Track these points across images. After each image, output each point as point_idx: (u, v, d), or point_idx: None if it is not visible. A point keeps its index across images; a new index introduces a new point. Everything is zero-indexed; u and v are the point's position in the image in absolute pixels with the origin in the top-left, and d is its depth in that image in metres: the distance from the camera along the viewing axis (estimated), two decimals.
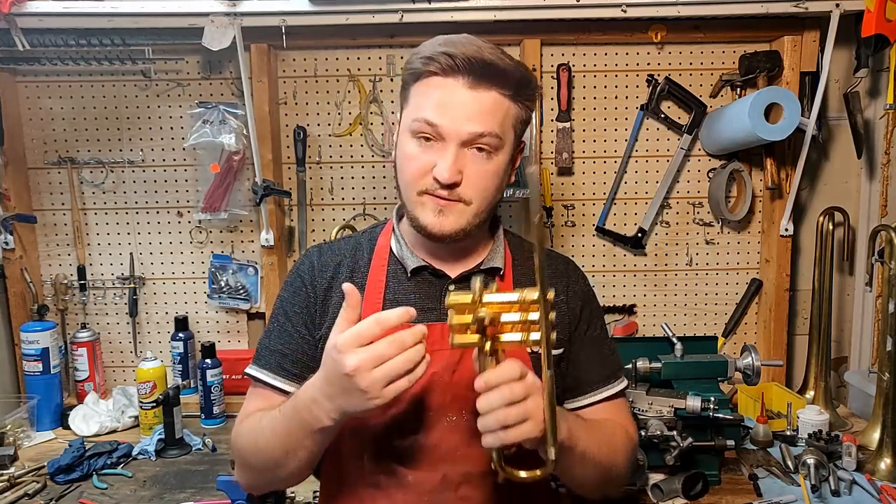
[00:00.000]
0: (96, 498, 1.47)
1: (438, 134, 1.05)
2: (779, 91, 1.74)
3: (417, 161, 1.07)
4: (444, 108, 1.04)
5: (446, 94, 1.05)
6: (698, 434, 1.45)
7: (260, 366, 1.15)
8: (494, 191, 1.11)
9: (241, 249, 2.00)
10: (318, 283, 1.16)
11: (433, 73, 1.05)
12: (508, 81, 1.07)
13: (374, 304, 1.13)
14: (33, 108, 1.94)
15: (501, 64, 1.06)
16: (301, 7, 1.71)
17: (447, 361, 1.09)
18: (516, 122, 1.11)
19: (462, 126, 1.04)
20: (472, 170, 1.06)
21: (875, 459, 1.51)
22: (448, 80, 1.05)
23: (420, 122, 1.05)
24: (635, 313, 2.02)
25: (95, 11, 1.70)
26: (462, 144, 1.05)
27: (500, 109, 1.07)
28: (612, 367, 1.21)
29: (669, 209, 1.98)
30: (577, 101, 1.93)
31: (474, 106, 1.04)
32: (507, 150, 1.10)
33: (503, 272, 1.17)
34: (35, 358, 1.84)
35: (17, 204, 1.92)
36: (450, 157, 1.04)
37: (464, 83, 1.04)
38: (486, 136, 1.05)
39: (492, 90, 1.05)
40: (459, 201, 1.07)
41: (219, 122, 1.87)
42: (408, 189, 1.09)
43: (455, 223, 1.07)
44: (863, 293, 1.96)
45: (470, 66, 1.04)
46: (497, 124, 1.06)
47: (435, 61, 1.05)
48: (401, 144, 1.11)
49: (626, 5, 1.73)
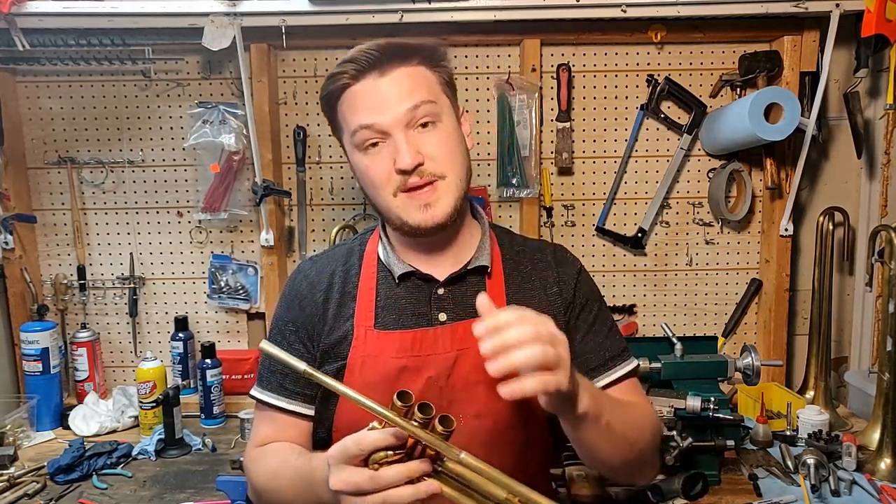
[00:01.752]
0: (96, 498, 1.47)
1: (379, 131, 1.06)
2: (779, 91, 1.74)
3: (376, 167, 1.08)
4: (372, 105, 1.06)
5: (366, 93, 1.06)
6: (698, 434, 1.45)
7: (262, 387, 1.16)
8: (460, 156, 1.10)
9: (241, 249, 2.00)
10: (317, 295, 1.16)
11: (346, 85, 1.07)
12: (412, 52, 1.08)
13: (366, 312, 1.13)
14: (33, 108, 1.94)
15: (397, 42, 1.09)
16: (301, 7, 1.71)
17: (442, 366, 1.08)
18: (442, 86, 1.11)
19: (395, 110, 1.05)
20: (427, 145, 1.06)
21: (875, 459, 1.51)
22: (360, 82, 1.07)
23: (359, 132, 1.07)
24: (635, 313, 2.02)
25: (95, 11, 1.70)
26: (406, 127, 1.05)
27: (418, 79, 1.08)
28: (615, 348, 1.18)
29: (669, 209, 1.98)
30: (577, 101, 1.93)
31: (395, 88, 1.06)
32: (449, 113, 1.11)
33: (491, 270, 1.15)
34: (35, 358, 1.84)
35: (17, 204, 1.92)
36: (402, 144, 1.04)
37: (375, 75, 1.06)
38: (420, 105, 1.06)
39: (401, 66, 1.07)
40: (434, 180, 1.06)
41: (219, 122, 1.87)
42: (381, 197, 1.09)
43: (443, 208, 1.07)
44: (863, 293, 1.96)
45: (372, 58, 1.05)
46: (424, 93, 1.07)
47: (341, 74, 1.07)
48: (355, 166, 1.12)
49: (626, 5, 1.73)
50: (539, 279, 1.18)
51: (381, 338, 1.11)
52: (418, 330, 1.11)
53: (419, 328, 1.11)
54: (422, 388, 1.07)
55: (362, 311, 1.13)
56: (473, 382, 1.09)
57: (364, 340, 1.11)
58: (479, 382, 1.09)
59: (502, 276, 1.17)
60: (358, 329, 1.12)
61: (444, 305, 1.13)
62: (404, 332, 1.11)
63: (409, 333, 1.10)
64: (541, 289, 1.17)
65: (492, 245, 1.18)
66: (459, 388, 1.09)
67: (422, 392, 1.08)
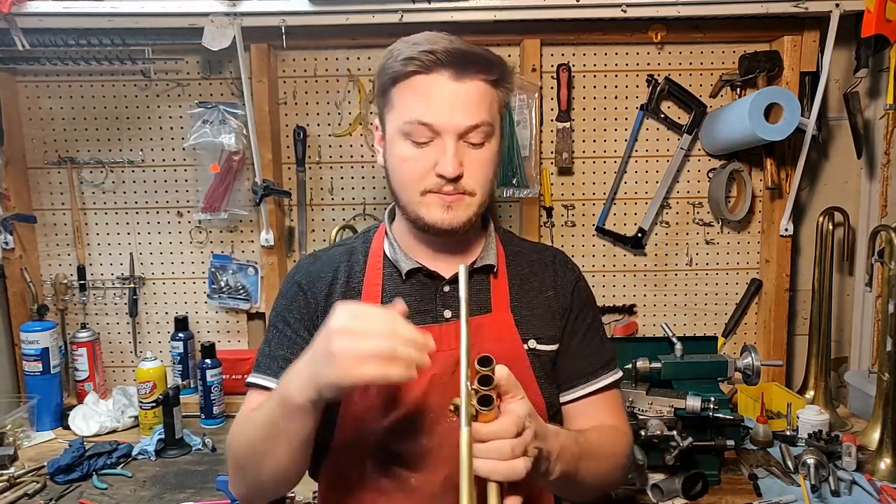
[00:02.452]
0: (96, 498, 1.47)
1: (434, 132, 1.05)
2: (779, 91, 1.74)
3: (416, 162, 1.07)
4: (435, 104, 1.04)
5: (433, 90, 1.05)
6: (698, 434, 1.45)
7: (260, 373, 1.13)
8: (492, 178, 1.12)
9: (241, 249, 2.00)
10: (317, 289, 1.15)
11: (414, 72, 1.05)
12: (491, 68, 1.07)
13: None
14: (33, 108, 1.94)
15: (481, 52, 1.08)
16: (301, 7, 1.71)
17: (446, 363, 1.08)
18: (501, 108, 1.12)
19: (456, 120, 1.04)
20: (470, 160, 1.07)
21: (875, 459, 1.51)
22: (432, 76, 1.05)
23: (412, 125, 1.05)
24: (635, 313, 2.02)
25: (95, 11, 1.70)
26: (458, 137, 1.05)
27: (486, 97, 1.07)
28: (603, 356, 1.19)
29: (669, 209, 1.98)
30: (577, 101, 1.93)
31: (463, 97, 1.05)
32: (498, 135, 1.11)
33: (496, 269, 1.17)
34: (35, 358, 1.84)
35: (17, 204, 1.92)
36: (450, 152, 1.04)
37: (448, 76, 1.04)
38: (480, 125, 1.06)
39: (475, 78, 1.06)
40: (465, 194, 1.08)
41: (219, 122, 1.87)
42: (408, 191, 1.09)
43: (463, 216, 1.08)
44: (863, 293, 1.96)
45: (452, 58, 1.04)
46: (487, 113, 1.07)
47: (416, 60, 1.04)
48: (392, 148, 1.10)
49: (626, 5, 1.73)
50: (537, 281, 1.20)
51: None
52: (423, 327, 1.10)
53: (424, 325, 1.11)
54: (426, 385, 1.08)
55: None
56: None
57: None
58: None
59: (506, 276, 1.18)
60: None
61: (449, 303, 1.13)
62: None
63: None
64: (538, 290, 1.19)
65: (497, 247, 1.20)
66: None
67: (426, 389, 1.08)
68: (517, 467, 0.82)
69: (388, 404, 1.08)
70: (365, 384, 0.87)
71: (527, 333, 1.15)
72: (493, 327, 1.13)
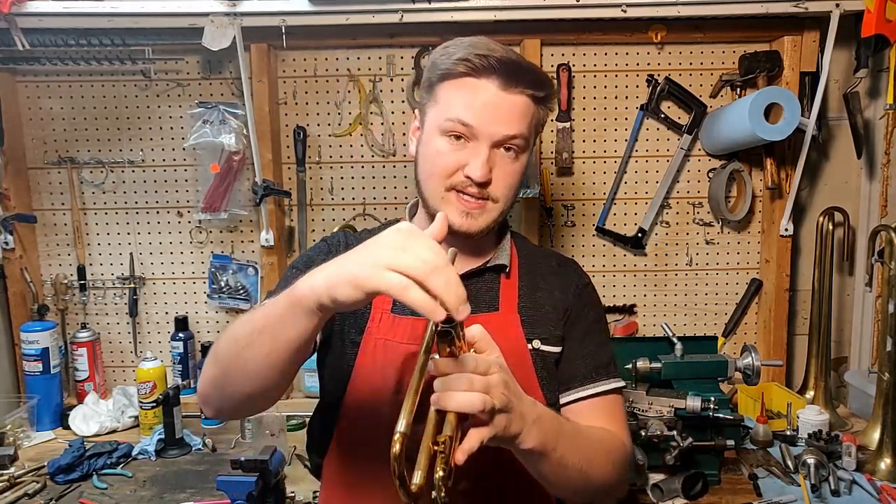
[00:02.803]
0: (96, 498, 1.47)
1: (472, 134, 1.08)
2: (779, 91, 1.74)
3: (448, 157, 1.09)
4: (479, 109, 1.07)
5: (480, 95, 1.07)
6: (698, 434, 1.45)
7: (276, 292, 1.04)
8: (517, 189, 1.15)
9: (241, 249, 2.00)
10: (341, 253, 1.15)
11: (465, 73, 1.08)
12: (538, 85, 1.10)
13: (383, 301, 1.14)
14: (33, 108, 1.94)
15: (531, 67, 1.10)
16: (301, 7, 1.71)
17: None
18: (538, 125, 1.16)
19: (495, 128, 1.07)
20: (500, 169, 1.10)
21: (875, 459, 1.51)
22: (481, 80, 1.07)
23: (453, 122, 1.08)
24: (635, 313, 2.02)
25: (95, 11, 1.70)
26: (493, 145, 1.08)
27: (528, 112, 1.11)
28: (603, 361, 1.18)
29: (669, 209, 1.98)
30: (577, 101, 1.93)
31: (507, 108, 1.08)
32: (528, 150, 1.15)
33: (509, 270, 1.19)
34: (35, 358, 1.84)
35: (17, 204, 1.92)
36: (483, 157, 1.07)
37: (497, 84, 1.07)
38: (517, 137, 1.09)
39: (523, 93, 1.09)
40: (488, 200, 1.10)
41: (219, 122, 1.87)
42: (434, 184, 1.11)
43: (482, 223, 1.11)
44: (863, 293, 1.96)
45: (503, 68, 1.06)
46: (526, 127, 1.10)
47: (468, 62, 1.07)
48: (428, 141, 1.13)
49: (626, 5, 1.73)
50: (546, 284, 1.21)
51: (395, 322, 1.12)
52: None
53: None
54: (429, 376, 1.08)
55: (379, 299, 1.12)
56: None
57: (379, 323, 1.13)
58: None
59: (517, 277, 1.20)
60: (375, 311, 1.13)
61: None
62: (417, 319, 1.11)
63: (421, 321, 1.11)
64: (547, 293, 1.20)
65: (511, 248, 1.22)
66: None
67: (429, 380, 1.08)
68: (472, 400, 0.79)
69: (393, 397, 1.09)
70: (383, 293, 0.76)
71: (532, 334, 1.15)
72: (500, 325, 1.13)
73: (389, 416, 1.08)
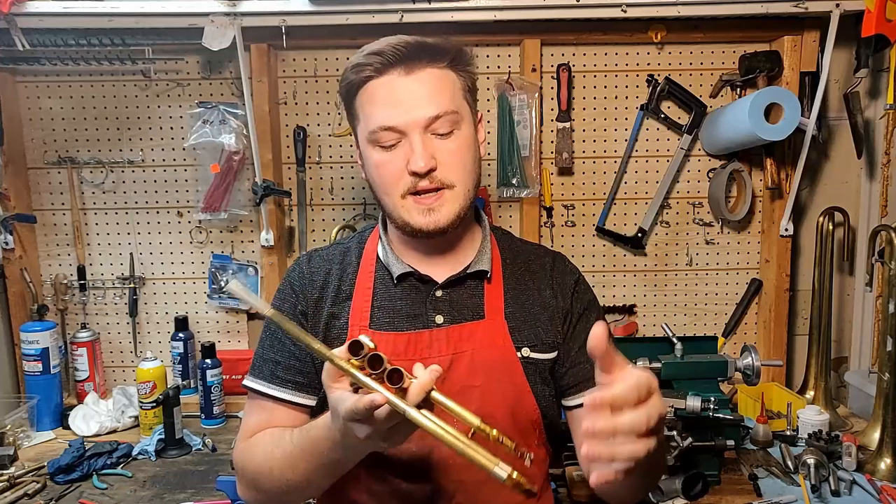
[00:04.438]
0: (96, 498, 1.47)
1: (399, 132, 1.05)
2: (779, 91, 1.74)
3: (388, 166, 1.06)
4: (393, 104, 1.04)
5: (388, 90, 1.05)
6: (698, 434, 1.45)
7: (254, 376, 1.15)
8: (472, 164, 1.10)
9: (241, 249, 2.00)
10: (308, 293, 1.15)
11: (368, 77, 1.05)
12: (440, 53, 1.07)
13: (362, 311, 1.13)
14: (33, 108, 1.94)
15: (426, 41, 1.07)
16: (301, 7, 1.71)
17: None
18: (465, 93, 1.10)
19: (416, 114, 1.04)
20: (442, 152, 1.05)
21: (875, 459, 1.51)
22: (384, 77, 1.05)
23: (377, 132, 1.05)
24: (635, 313, 2.02)
25: (95, 11, 1.70)
26: (424, 129, 1.04)
27: (445, 84, 1.07)
28: None
29: (669, 209, 1.98)
30: (577, 101, 1.93)
31: (419, 88, 1.04)
32: (468, 121, 1.10)
33: (490, 275, 1.15)
34: (35, 358, 1.84)
35: (17, 204, 1.91)
36: (418, 147, 1.04)
37: (400, 72, 1.04)
38: (443, 115, 1.05)
39: (427, 67, 1.05)
40: (444, 189, 1.06)
41: (219, 122, 1.87)
42: (388, 196, 1.08)
43: (447, 214, 1.07)
44: (863, 293, 1.96)
45: (399, 54, 1.04)
46: (448, 100, 1.06)
47: (365, 65, 1.05)
48: (366, 157, 1.11)
49: (626, 5, 1.73)
50: (535, 285, 1.18)
51: (374, 338, 1.10)
52: (413, 332, 1.10)
53: (415, 330, 1.11)
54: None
55: (357, 310, 1.13)
56: (468, 387, 1.08)
57: None
58: (474, 387, 1.08)
59: (501, 280, 1.16)
60: (352, 329, 1.11)
61: (441, 308, 1.12)
62: (398, 335, 1.10)
63: (403, 336, 1.10)
64: (536, 293, 1.17)
65: (492, 249, 1.18)
66: (454, 393, 1.08)
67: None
68: (638, 450, 0.69)
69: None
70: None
71: (521, 341, 1.13)
72: (487, 334, 1.12)
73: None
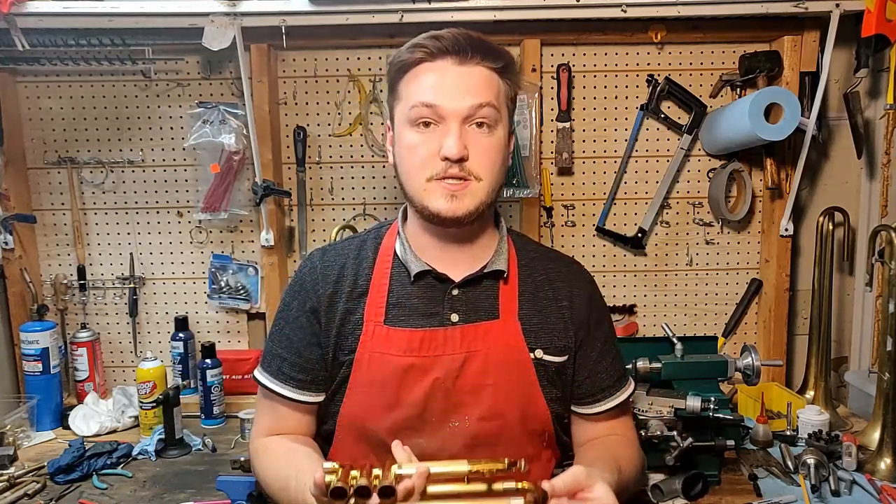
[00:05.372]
0: (96, 498, 1.47)
1: (438, 115, 1.06)
2: (779, 91, 1.74)
3: (421, 148, 1.07)
4: (440, 87, 1.06)
5: (438, 74, 1.06)
6: (698, 434, 1.45)
7: (264, 369, 1.17)
8: (500, 166, 1.12)
9: (241, 249, 2.00)
10: (320, 288, 1.16)
11: (421, 59, 1.07)
12: (494, 55, 1.09)
13: (376, 307, 1.13)
14: (33, 108, 1.94)
15: (484, 40, 1.09)
16: (301, 7, 1.70)
17: (449, 367, 1.09)
18: (507, 100, 1.13)
19: (460, 101, 1.05)
20: (476, 145, 1.07)
21: (875, 459, 1.51)
22: (437, 62, 1.07)
23: (418, 108, 1.06)
24: (635, 313, 2.02)
25: (95, 11, 1.70)
26: (463, 121, 1.06)
27: (492, 83, 1.09)
28: (621, 370, 1.23)
29: (669, 209, 1.98)
30: (577, 101, 1.93)
31: (468, 80, 1.06)
32: (504, 124, 1.12)
33: (507, 275, 1.16)
34: (35, 358, 1.84)
35: (17, 204, 1.91)
36: (454, 133, 1.05)
37: (453, 61, 1.06)
38: (485, 106, 1.06)
39: (480, 64, 1.08)
40: (470, 178, 1.07)
41: (219, 122, 1.87)
42: (414, 179, 1.09)
43: (469, 204, 1.07)
44: (863, 293, 1.96)
45: (457, 44, 1.06)
46: (493, 95, 1.08)
47: (422, 47, 1.07)
48: (400, 139, 1.11)
49: (626, 5, 1.73)
50: (551, 290, 1.19)
51: (389, 334, 1.11)
52: (428, 330, 1.11)
53: (430, 328, 1.11)
54: (428, 388, 1.08)
55: (373, 305, 1.13)
56: (481, 385, 1.09)
57: (372, 336, 1.11)
58: (486, 385, 1.09)
59: (517, 282, 1.17)
60: (367, 324, 1.12)
61: (457, 306, 1.13)
62: (413, 331, 1.11)
63: (418, 333, 1.11)
64: (552, 300, 1.18)
65: (508, 251, 1.19)
66: (467, 391, 1.09)
67: (428, 392, 1.08)
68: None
69: (391, 405, 1.09)
70: None
71: (534, 343, 1.14)
72: (501, 334, 1.13)
73: (385, 426, 1.08)
